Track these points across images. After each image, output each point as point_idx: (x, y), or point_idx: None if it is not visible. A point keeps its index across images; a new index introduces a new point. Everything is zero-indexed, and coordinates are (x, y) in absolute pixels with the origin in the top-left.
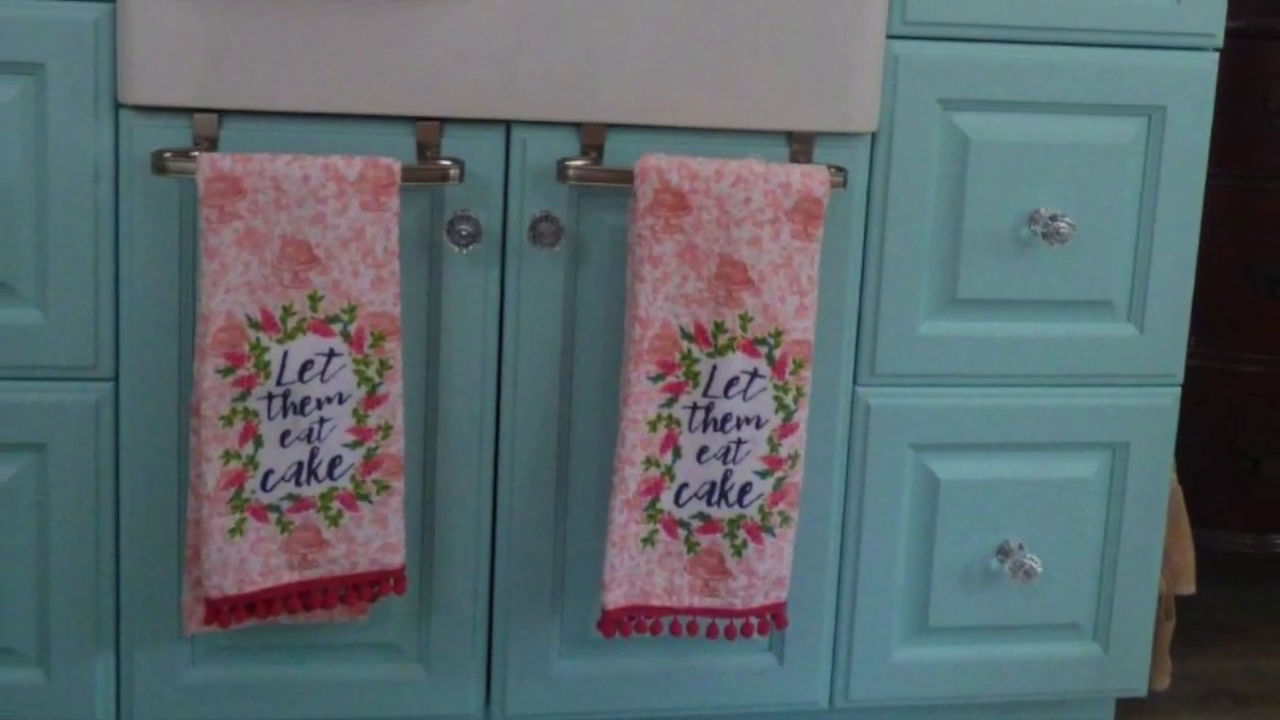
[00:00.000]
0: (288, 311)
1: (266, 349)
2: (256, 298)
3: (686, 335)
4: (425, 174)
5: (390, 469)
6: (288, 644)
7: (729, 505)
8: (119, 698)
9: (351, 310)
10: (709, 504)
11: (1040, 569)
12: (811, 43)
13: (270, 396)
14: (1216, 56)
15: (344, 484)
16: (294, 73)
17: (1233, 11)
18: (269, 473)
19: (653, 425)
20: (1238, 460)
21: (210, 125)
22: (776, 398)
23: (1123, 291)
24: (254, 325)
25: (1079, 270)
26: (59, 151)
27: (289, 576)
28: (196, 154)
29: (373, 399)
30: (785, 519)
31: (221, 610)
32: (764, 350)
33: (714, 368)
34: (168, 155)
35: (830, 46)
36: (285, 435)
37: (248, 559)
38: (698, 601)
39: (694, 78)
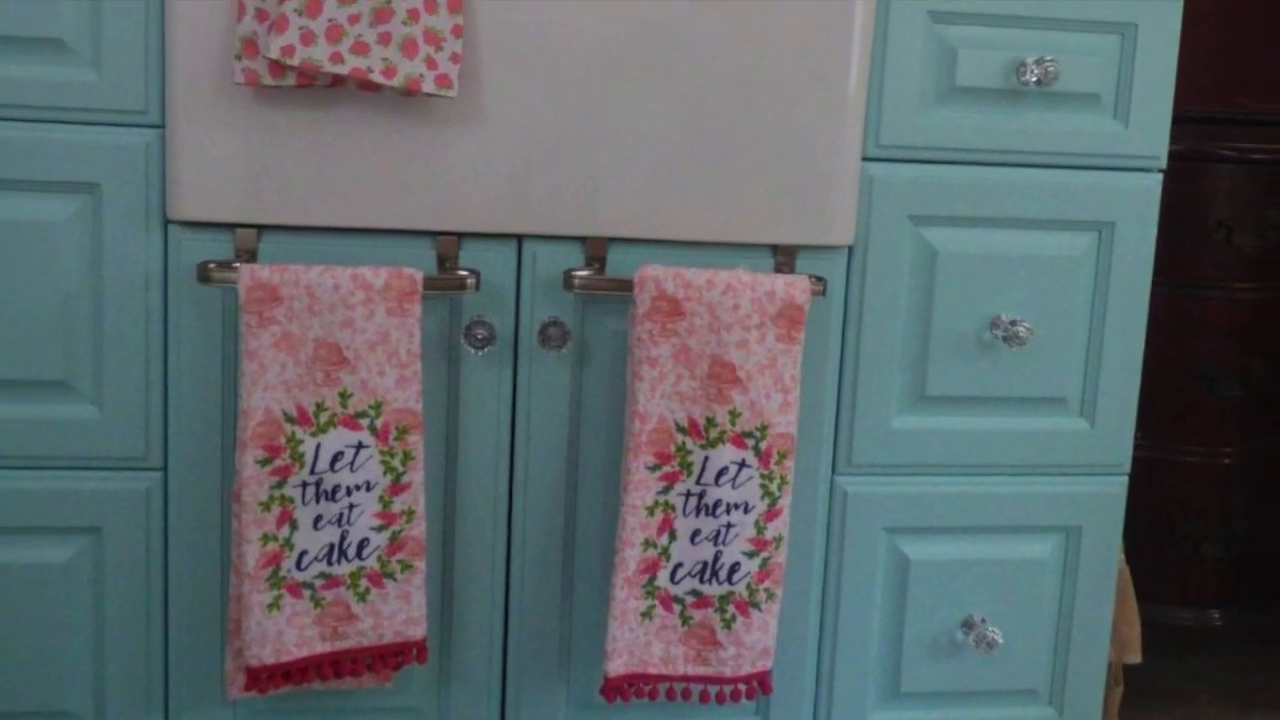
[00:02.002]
0: (320, 407)
1: (301, 441)
2: (292, 395)
3: (681, 429)
4: (445, 283)
5: (413, 550)
6: (320, 708)
7: (720, 583)
8: None
9: (378, 406)
10: (701, 581)
11: (1001, 640)
12: (794, 164)
13: (305, 484)
14: (1160, 177)
15: (371, 564)
16: (326, 192)
17: (1175, 136)
18: (303, 553)
19: (650, 510)
20: (1179, 542)
21: (250, 239)
22: (763, 485)
23: (1075, 389)
24: (290, 420)
25: (1036, 370)
26: (113, 263)
27: (321, 647)
28: (238, 265)
29: (397, 487)
30: (770, 595)
31: (260, 678)
32: (751, 442)
33: (706, 458)
34: (212, 266)
35: (811, 168)
36: (318, 519)
37: (284, 631)
38: (691, 670)
39: (688, 196)
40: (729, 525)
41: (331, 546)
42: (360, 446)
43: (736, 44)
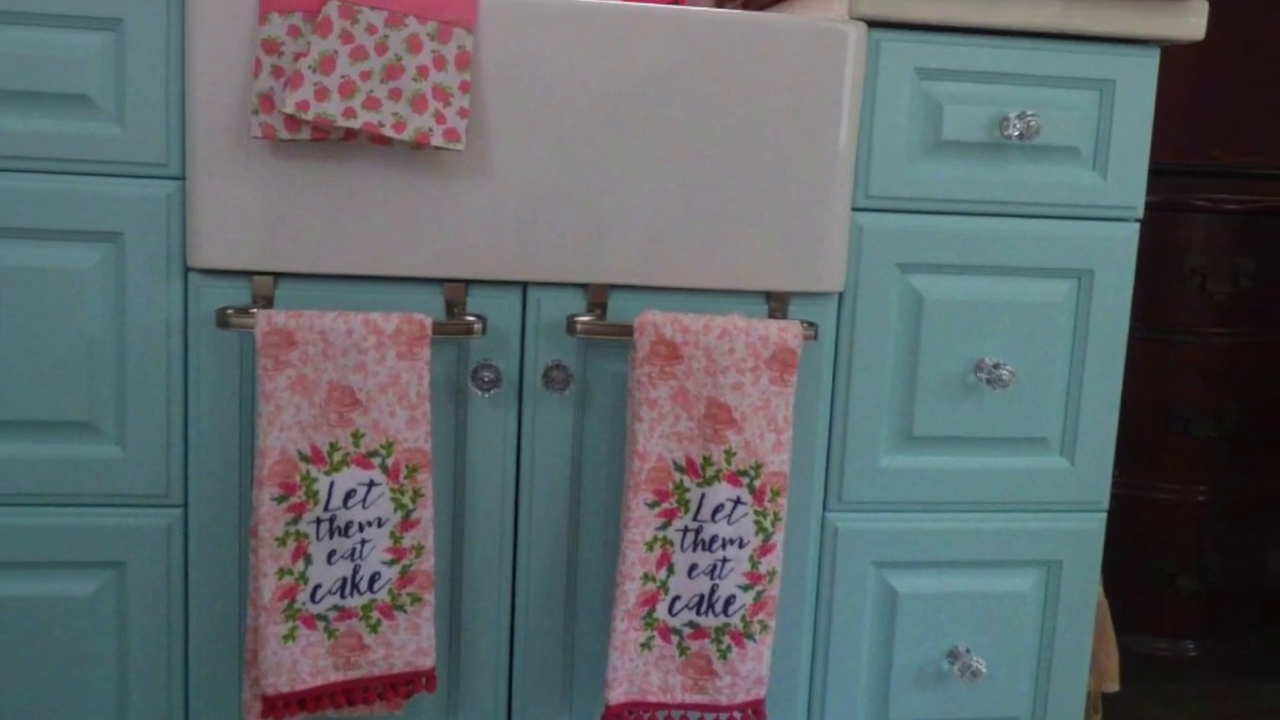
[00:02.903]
0: (334, 447)
1: (315, 479)
2: (307, 435)
3: (679, 468)
4: (453, 328)
5: (422, 583)
6: None
7: (716, 615)
8: None
9: (389, 446)
10: (698, 613)
11: (985, 670)
12: (787, 215)
13: (319, 520)
14: (1137, 226)
15: (382, 596)
16: (339, 241)
17: (1152, 188)
18: (317, 586)
19: (649, 545)
20: (1155, 576)
21: (267, 286)
22: (757, 522)
23: (1056, 429)
24: (304, 459)
25: (1018, 411)
26: (136, 309)
27: (335, 676)
28: (255, 311)
29: (407, 523)
30: (764, 626)
31: (276, 706)
32: (746, 481)
33: (702, 496)
34: (230, 312)
35: (803, 218)
36: (332, 554)
37: (299, 661)
38: (688, 698)
39: (686, 245)
40: (725, 560)
41: (344, 580)
42: (372, 484)
43: (732, 101)
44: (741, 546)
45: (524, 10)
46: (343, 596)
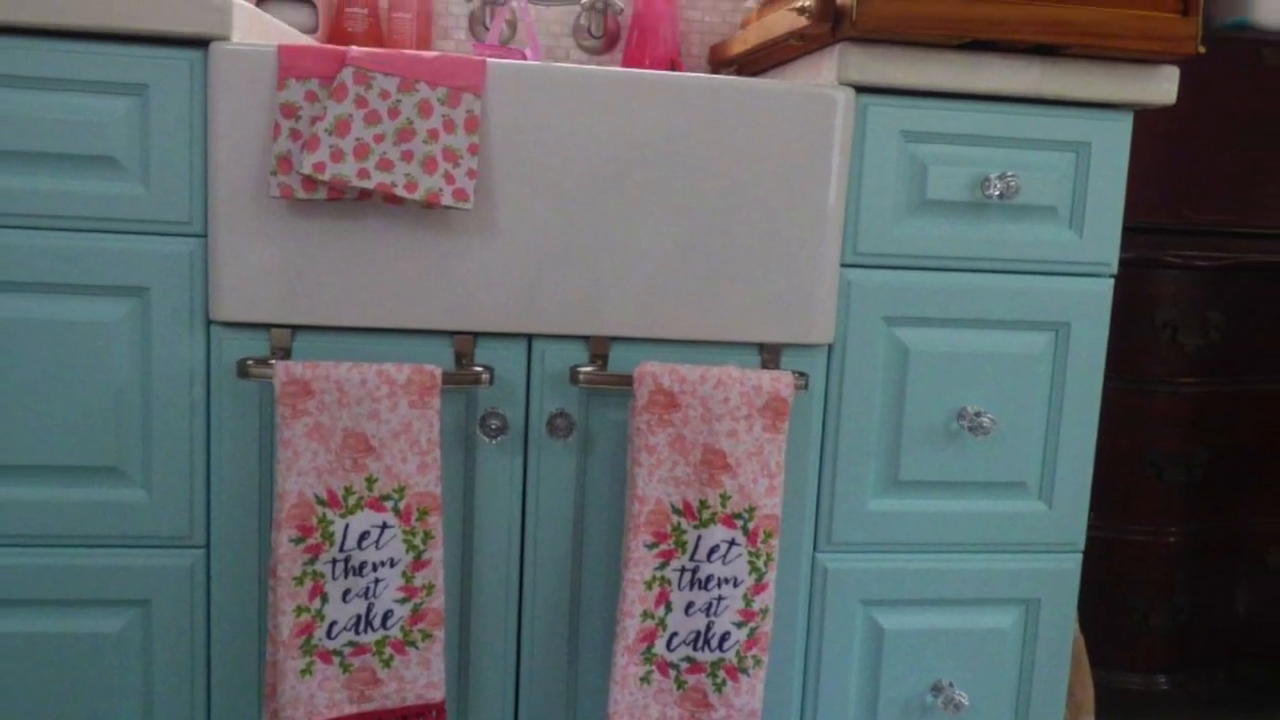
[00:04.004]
0: (348, 491)
1: (331, 522)
2: (323, 480)
3: (676, 511)
4: (461, 378)
5: (433, 620)
6: None
7: (711, 650)
8: None
9: (401, 490)
10: (695, 649)
11: (967, 703)
12: (779, 271)
13: (334, 561)
14: (1112, 282)
15: (395, 633)
16: (354, 295)
17: (1126, 245)
18: (333, 623)
19: (648, 584)
20: (1129, 614)
21: (285, 338)
22: (750, 562)
23: (1034, 474)
24: (321, 502)
25: (999, 457)
26: (160, 359)
27: (349, 709)
28: (274, 362)
29: (418, 563)
30: (757, 661)
31: None
32: (740, 523)
33: (699, 537)
34: (250, 363)
35: (794, 274)
36: (346, 593)
37: (315, 695)
38: None
39: (682, 299)
40: (720, 598)
41: (359, 617)
42: (385, 527)
43: (727, 163)
44: (736, 585)
45: (529, 77)
46: (357, 633)
